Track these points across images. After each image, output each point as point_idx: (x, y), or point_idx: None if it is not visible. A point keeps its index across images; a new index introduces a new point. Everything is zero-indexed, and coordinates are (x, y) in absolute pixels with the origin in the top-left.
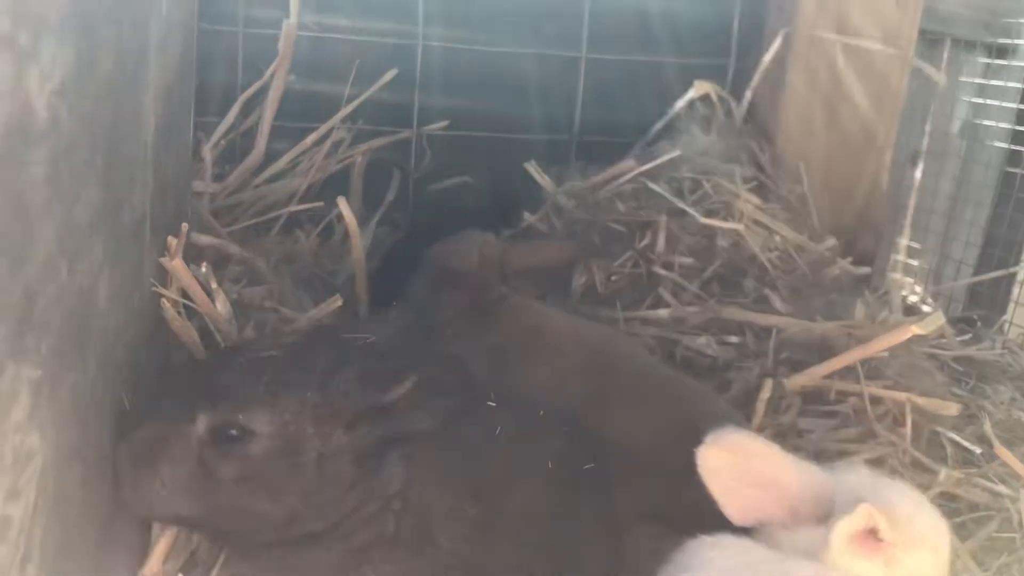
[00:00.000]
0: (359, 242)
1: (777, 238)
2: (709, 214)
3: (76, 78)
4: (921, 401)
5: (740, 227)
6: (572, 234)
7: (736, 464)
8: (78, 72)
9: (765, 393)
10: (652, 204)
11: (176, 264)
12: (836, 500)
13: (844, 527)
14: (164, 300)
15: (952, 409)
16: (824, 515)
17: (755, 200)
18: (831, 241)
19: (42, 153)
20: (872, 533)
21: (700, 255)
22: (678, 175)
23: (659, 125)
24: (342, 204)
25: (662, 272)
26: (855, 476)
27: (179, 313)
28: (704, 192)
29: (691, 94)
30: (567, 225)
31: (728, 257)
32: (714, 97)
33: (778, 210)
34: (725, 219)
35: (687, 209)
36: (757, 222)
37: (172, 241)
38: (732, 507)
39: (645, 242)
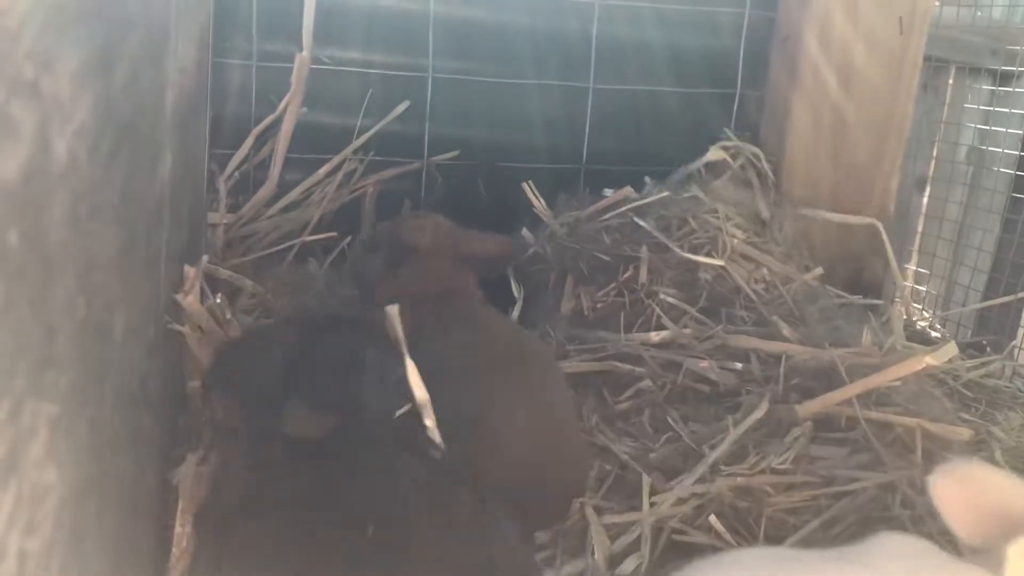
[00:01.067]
0: None
1: (764, 270)
2: (695, 249)
3: (95, 119)
4: (932, 427)
5: (720, 263)
6: (561, 259)
7: (967, 494)
8: (96, 113)
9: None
10: (636, 239)
11: (190, 301)
12: None
13: (1020, 545)
14: (183, 332)
15: (963, 435)
16: None
17: (739, 235)
18: (818, 270)
19: (62, 194)
20: None
21: (683, 287)
22: (667, 213)
23: (680, 175)
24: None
25: (647, 301)
26: None
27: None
28: (690, 228)
29: (709, 157)
30: (556, 251)
31: (712, 289)
32: (728, 159)
33: (762, 243)
34: (710, 253)
35: (667, 243)
36: (744, 256)
37: (188, 275)
38: (962, 532)
39: (628, 274)
